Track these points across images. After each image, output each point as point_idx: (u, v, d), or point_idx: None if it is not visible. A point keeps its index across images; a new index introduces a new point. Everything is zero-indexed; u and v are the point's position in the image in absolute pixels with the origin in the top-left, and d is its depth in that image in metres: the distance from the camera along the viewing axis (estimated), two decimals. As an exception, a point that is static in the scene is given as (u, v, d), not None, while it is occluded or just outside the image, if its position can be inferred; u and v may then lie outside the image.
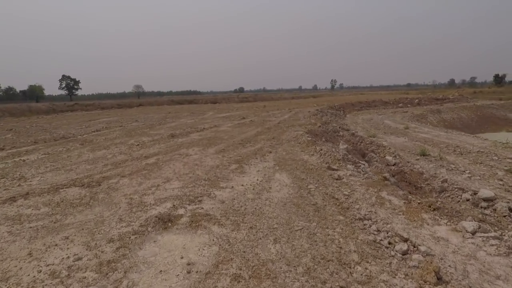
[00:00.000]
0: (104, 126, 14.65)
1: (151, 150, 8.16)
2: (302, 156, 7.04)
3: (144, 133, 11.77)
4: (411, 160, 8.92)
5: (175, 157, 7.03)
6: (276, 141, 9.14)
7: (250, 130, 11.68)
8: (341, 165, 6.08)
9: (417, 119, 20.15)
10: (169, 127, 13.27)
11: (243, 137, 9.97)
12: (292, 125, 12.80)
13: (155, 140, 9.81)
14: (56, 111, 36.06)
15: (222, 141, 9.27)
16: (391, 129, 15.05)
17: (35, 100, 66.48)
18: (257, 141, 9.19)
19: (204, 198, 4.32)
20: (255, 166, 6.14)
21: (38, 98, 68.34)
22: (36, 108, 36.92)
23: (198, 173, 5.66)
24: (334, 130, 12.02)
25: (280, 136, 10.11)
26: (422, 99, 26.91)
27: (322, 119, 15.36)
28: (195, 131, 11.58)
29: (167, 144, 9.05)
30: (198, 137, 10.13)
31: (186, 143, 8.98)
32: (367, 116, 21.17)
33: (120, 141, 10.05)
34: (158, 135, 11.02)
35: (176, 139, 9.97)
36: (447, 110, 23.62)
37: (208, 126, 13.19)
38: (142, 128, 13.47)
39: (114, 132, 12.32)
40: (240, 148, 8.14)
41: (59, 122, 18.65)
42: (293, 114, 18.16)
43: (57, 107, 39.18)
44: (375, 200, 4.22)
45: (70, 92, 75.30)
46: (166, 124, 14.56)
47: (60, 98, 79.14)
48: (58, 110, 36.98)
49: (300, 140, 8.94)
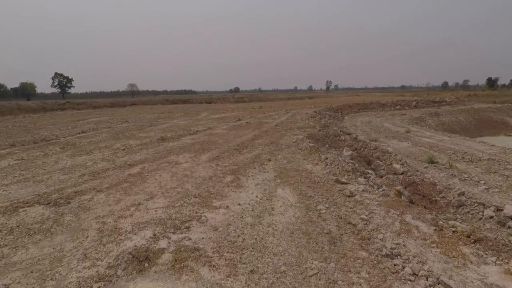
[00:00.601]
0: (92, 127, 13.71)
1: (137, 156, 7.31)
2: (305, 165, 6.26)
3: (132, 135, 10.88)
4: (420, 168, 8.20)
5: (163, 166, 6.19)
6: (275, 146, 8.36)
7: (246, 133, 10.88)
8: (351, 177, 5.31)
9: (416, 122, 19.57)
10: (160, 129, 12.40)
11: (239, 141, 9.16)
12: (290, 128, 12.04)
13: (143, 144, 8.94)
14: (46, 110, 34.83)
15: (217, 146, 8.45)
16: (392, 133, 14.38)
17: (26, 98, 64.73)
18: (254, 146, 8.39)
19: (193, 223, 3.51)
20: (254, 178, 5.35)
21: (30, 96, 66.60)
22: (26, 106, 35.60)
23: (187, 187, 4.84)
24: (335, 134, 11.28)
25: (278, 140, 9.33)
26: (419, 102, 26.36)
27: (321, 121, 14.63)
28: (188, 134, 10.73)
29: (156, 149, 8.20)
30: (190, 141, 9.29)
31: (177, 148, 8.14)
32: (365, 118, 20.51)
33: (105, 144, 9.16)
34: (147, 138, 10.15)
35: (166, 143, 9.12)
36: (445, 113, 23.10)
37: (201, 128, 12.35)
38: (132, 129, 12.57)
39: (101, 134, 11.41)
40: (236, 154, 7.33)
41: (46, 122, 17.61)
42: (290, 116, 17.41)
43: (48, 105, 37.88)
44: (400, 227, 3.46)
45: (62, 90, 73.54)
46: (157, 126, 13.68)
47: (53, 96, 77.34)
48: (48, 109, 35.73)
49: (301, 145, 8.16)
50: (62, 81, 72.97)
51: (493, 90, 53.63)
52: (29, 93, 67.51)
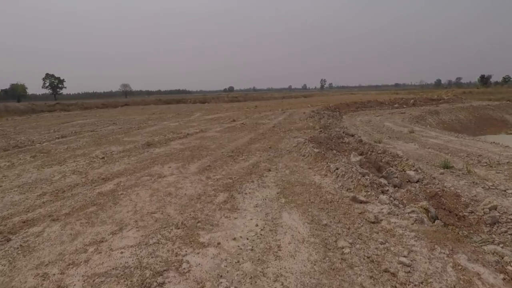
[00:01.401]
0: (74, 131, 12.53)
1: (115, 167, 6.22)
2: (312, 176, 5.25)
3: (116, 140, 9.77)
4: (435, 174, 7.26)
5: (144, 180, 5.12)
6: (274, 151, 7.34)
7: (241, 136, 9.84)
8: (369, 193, 4.31)
9: (416, 121, 18.74)
10: (148, 132, 11.29)
11: (233, 146, 8.12)
12: (289, 130, 11.04)
13: (126, 151, 7.85)
14: (35, 111, 33.47)
15: (208, 152, 7.40)
16: (396, 133, 13.47)
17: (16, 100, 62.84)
18: (251, 151, 7.36)
19: (170, 276, 2.46)
20: (252, 195, 4.31)
21: (20, 97, 64.60)
22: (14, 108, 34.19)
23: (169, 212, 3.79)
24: (338, 136, 10.30)
25: (277, 144, 8.32)
26: (417, 100, 25.56)
27: (320, 121, 13.65)
28: (177, 138, 9.65)
29: (139, 157, 7.12)
30: (180, 147, 8.22)
31: (163, 156, 7.07)
32: (364, 117, 19.60)
33: (83, 152, 8.05)
34: (132, 143, 9.05)
35: (152, 149, 8.04)
36: (444, 111, 22.32)
37: (193, 131, 11.27)
38: (117, 133, 11.45)
39: (82, 139, 10.28)
40: (231, 163, 6.29)
41: (28, 125, 16.34)
42: (287, 116, 16.41)
43: (37, 107, 36.49)
44: (457, 277, 2.47)
45: (54, 91, 71.59)
46: (145, 128, 12.56)
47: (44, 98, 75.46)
48: (38, 110, 34.36)
49: (304, 151, 7.16)
50: (53, 82, 71.03)
51: (487, 87, 53.30)
52: (19, 94, 65.46)
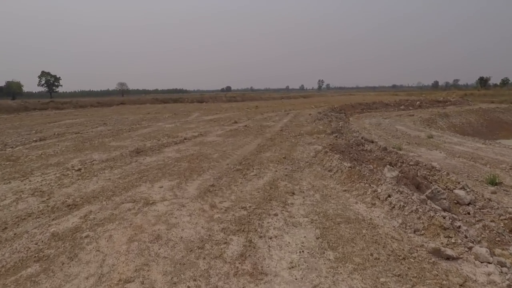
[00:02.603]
0: (58, 132, 10.94)
1: (91, 184, 4.70)
2: (353, 205, 3.79)
3: (101, 145, 8.22)
4: (486, 193, 5.85)
5: (123, 210, 3.61)
6: (290, 163, 5.87)
7: (247, 141, 8.36)
8: (454, 241, 2.87)
9: (427, 124, 17.42)
10: (139, 135, 9.74)
11: (240, 155, 6.64)
12: (299, 134, 9.58)
13: (110, 160, 6.32)
14: (28, 109, 31.63)
15: (210, 163, 5.90)
16: (413, 138, 12.09)
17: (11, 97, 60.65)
18: (262, 163, 5.88)
19: None
20: (281, 244, 2.83)
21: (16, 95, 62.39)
22: (6, 106, 32.23)
23: (154, 278, 2.32)
24: (357, 142, 8.87)
25: (291, 152, 6.86)
26: (423, 101, 24.24)
27: (330, 124, 12.21)
28: (173, 143, 8.13)
29: (125, 169, 5.60)
30: (175, 155, 6.71)
31: (154, 169, 5.55)
32: (372, 120, 18.22)
33: (58, 160, 6.51)
34: (120, 149, 7.52)
35: (142, 157, 6.52)
36: (454, 114, 21.03)
37: (191, 134, 9.74)
38: (105, 135, 9.89)
39: (63, 143, 8.71)
40: (240, 180, 4.81)
41: (10, 124, 14.68)
42: (292, 118, 14.94)
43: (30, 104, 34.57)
44: None
45: (50, 89, 69.31)
46: (137, 130, 11.00)
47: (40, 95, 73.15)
48: (30, 108, 32.49)
49: (329, 164, 5.70)
50: (49, 79, 68.77)
51: (486, 89, 52.34)
52: (15, 92, 63.21)
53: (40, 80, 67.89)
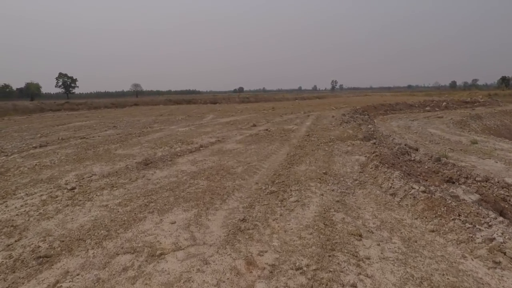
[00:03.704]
0: (63, 136, 9.90)
1: (80, 216, 3.46)
2: (463, 263, 2.42)
3: (106, 153, 7.06)
4: None
5: (113, 275, 2.31)
6: (335, 182, 4.51)
7: (273, 149, 7.03)
8: None
9: (460, 127, 15.68)
10: (150, 141, 8.56)
11: (269, 169, 5.32)
12: (330, 140, 8.19)
13: (113, 175, 5.12)
14: (44, 110, 31.26)
15: (235, 182, 4.60)
16: (455, 144, 10.52)
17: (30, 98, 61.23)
18: (300, 182, 4.55)
19: None
20: None
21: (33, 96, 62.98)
22: (22, 107, 31.96)
23: None
24: (401, 151, 7.42)
25: (331, 165, 5.49)
26: (449, 102, 22.35)
27: (360, 128, 10.75)
28: (187, 152, 6.88)
29: (127, 189, 4.37)
30: (190, 168, 5.45)
31: (165, 190, 4.30)
32: (399, 122, 16.61)
33: (51, 173, 5.34)
34: (126, 159, 6.33)
35: (150, 171, 5.29)
36: (487, 115, 19.17)
37: (207, 140, 8.50)
38: (112, 141, 8.75)
39: (65, 150, 7.60)
40: (279, 211, 3.48)
41: (18, 126, 13.80)
42: (315, 120, 13.53)
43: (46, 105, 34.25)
44: None
45: (67, 91, 69.80)
46: (148, 135, 9.84)
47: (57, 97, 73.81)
48: (46, 109, 32.11)
49: (386, 183, 4.32)
50: (66, 81, 69.26)
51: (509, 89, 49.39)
52: (33, 93, 63.83)
53: (58, 82, 68.44)
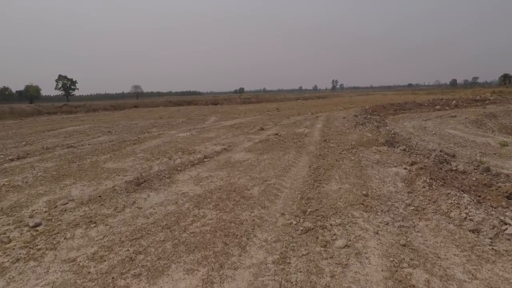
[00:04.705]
0: (49, 144, 8.68)
1: (26, 287, 2.31)
2: None
3: (93, 167, 5.85)
4: None
5: None
6: (384, 210, 3.31)
7: (291, 160, 5.83)
8: None
9: (477, 126, 14.55)
10: (146, 150, 7.36)
11: (292, 189, 4.11)
12: (352, 146, 7.00)
13: (94, 201, 3.91)
14: (41, 113, 30.12)
15: (253, 213, 3.40)
16: (483, 147, 9.33)
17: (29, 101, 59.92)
18: (338, 211, 3.36)
19: None
20: None
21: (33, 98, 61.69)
22: (19, 110, 30.76)
23: None
24: (439, 159, 6.24)
25: (367, 182, 4.30)
26: (459, 101, 21.20)
27: (379, 131, 9.56)
28: (189, 165, 5.68)
29: (109, 226, 3.16)
30: (193, 191, 4.24)
31: (159, 229, 3.08)
32: (412, 122, 15.42)
33: (16, 199, 4.13)
34: (115, 175, 5.13)
35: (142, 196, 4.09)
36: (502, 114, 18.03)
37: (211, 148, 7.30)
38: (104, 150, 7.55)
39: (45, 163, 6.40)
40: (326, 268, 2.29)
41: (5, 132, 12.55)
42: (325, 122, 12.34)
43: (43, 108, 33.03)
44: None
45: (66, 93, 68.50)
46: (145, 142, 8.63)
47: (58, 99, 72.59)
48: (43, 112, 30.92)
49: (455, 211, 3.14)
50: (66, 83, 67.96)
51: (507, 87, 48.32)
52: (32, 95, 62.52)
53: (57, 84, 67.13)
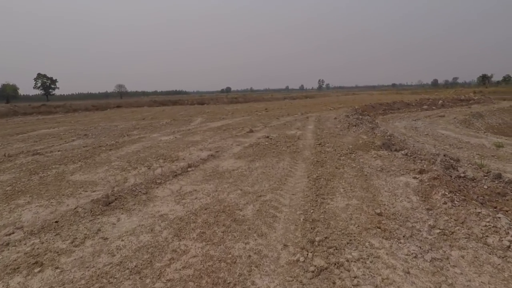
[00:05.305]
0: (12, 151, 7.65)
1: None
2: None
3: (57, 180, 4.97)
4: None
5: None
6: (407, 233, 2.65)
7: (286, 169, 5.14)
8: None
9: (466, 126, 14.42)
10: (122, 157, 6.49)
11: (292, 207, 3.40)
12: (350, 151, 6.40)
13: (48, 229, 3.08)
14: (17, 114, 28.24)
15: (248, 244, 2.65)
16: (479, 148, 8.97)
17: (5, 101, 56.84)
18: (353, 238, 2.69)
19: None
20: None
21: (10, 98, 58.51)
22: (-8, 111, 28.84)
23: None
24: (445, 164, 5.72)
25: (377, 195, 3.68)
26: (445, 100, 21.23)
27: (374, 132, 9.06)
28: (170, 176, 4.89)
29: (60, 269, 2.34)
30: (173, 215, 3.46)
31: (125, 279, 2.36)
32: (402, 122, 15.10)
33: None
34: (81, 191, 4.28)
35: (110, 220, 3.28)
36: (488, 113, 18.09)
37: (197, 154, 6.52)
38: (74, 157, 6.63)
39: (2, 174, 5.45)
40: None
41: (-32, 136, 11.32)
42: (317, 123, 11.76)
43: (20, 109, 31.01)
44: None
45: (46, 92, 65.41)
46: (123, 147, 7.74)
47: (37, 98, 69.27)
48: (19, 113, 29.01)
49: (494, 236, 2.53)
50: (45, 82, 64.87)
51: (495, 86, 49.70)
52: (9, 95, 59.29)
53: (36, 83, 63.99)
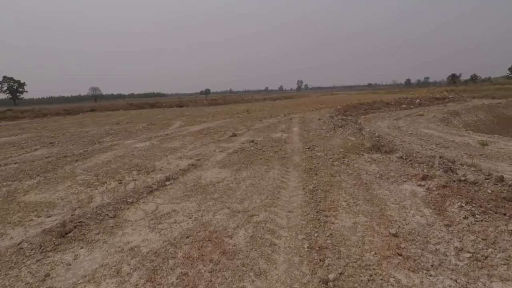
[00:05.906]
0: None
1: None
2: None
3: (6, 200, 4.10)
4: None
5: None
6: (436, 261, 2.13)
7: (278, 179, 4.55)
8: None
9: (445, 124, 14.59)
10: (90, 170, 5.65)
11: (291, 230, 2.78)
12: (341, 155, 5.96)
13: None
14: (-22, 120, 25.82)
15: None
16: (465, 147, 8.85)
17: (-33, 106, 52.44)
18: (373, 272, 2.14)
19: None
20: None
21: (-28, 103, 54.19)
22: (-49, 117, 26.25)
23: None
24: (444, 167, 5.37)
25: (384, 209, 3.18)
26: (422, 99, 21.63)
27: (362, 134, 8.71)
28: (145, 193, 4.16)
29: None
30: (146, 247, 2.74)
31: None
32: (384, 122, 15.01)
33: None
34: (33, 216, 3.48)
35: (64, 260, 2.51)
36: (463, 112, 18.53)
37: (175, 164, 5.80)
38: (33, 171, 5.69)
39: None
40: None
41: None
42: (302, 125, 11.30)
43: (-18, 115, 28.55)
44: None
45: (13, 96, 61.20)
46: (92, 157, 6.85)
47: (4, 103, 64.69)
48: (-18, 118, 26.62)
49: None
50: (12, 85, 60.70)
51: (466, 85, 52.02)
52: (-28, 100, 54.92)
53: (2, 86, 59.71)
